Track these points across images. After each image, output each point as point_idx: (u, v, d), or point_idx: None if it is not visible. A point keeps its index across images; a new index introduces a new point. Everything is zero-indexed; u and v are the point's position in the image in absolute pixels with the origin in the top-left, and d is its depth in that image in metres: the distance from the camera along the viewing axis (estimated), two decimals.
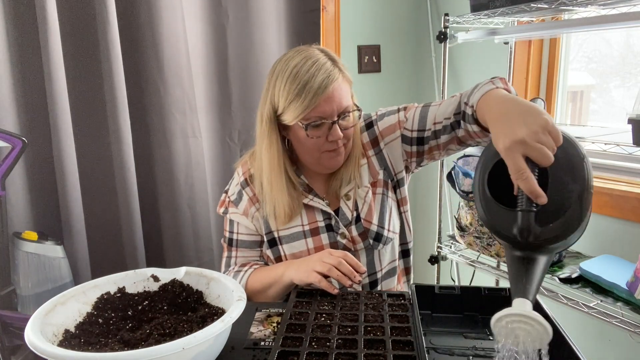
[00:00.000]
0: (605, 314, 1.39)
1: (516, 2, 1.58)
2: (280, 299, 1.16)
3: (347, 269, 1.02)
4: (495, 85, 0.92)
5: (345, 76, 1.10)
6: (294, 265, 1.10)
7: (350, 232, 1.17)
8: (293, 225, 1.17)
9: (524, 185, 0.67)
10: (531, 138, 0.69)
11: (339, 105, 1.06)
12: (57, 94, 1.51)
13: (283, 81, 1.05)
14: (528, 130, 0.69)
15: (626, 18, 1.39)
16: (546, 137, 0.69)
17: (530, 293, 0.65)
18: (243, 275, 1.17)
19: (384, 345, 0.82)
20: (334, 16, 2.17)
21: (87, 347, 0.85)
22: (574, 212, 0.69)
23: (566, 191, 0.70)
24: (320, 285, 1.02)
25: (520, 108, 0.75)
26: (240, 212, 1.21)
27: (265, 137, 1.12)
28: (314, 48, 1.10)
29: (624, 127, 1.36)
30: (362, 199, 1.18)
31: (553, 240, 0.69)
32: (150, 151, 1.77)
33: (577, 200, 0.69)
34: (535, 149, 0.68)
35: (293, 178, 1.15)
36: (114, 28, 1.58)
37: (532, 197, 0.68)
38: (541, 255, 0.69)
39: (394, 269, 1.24)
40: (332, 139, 1.08)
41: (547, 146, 0.69)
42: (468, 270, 2.09)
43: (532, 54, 1.97)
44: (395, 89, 2.42)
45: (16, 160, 1.41)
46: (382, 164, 1.20)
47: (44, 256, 1.48)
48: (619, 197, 1.63)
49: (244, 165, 1.24)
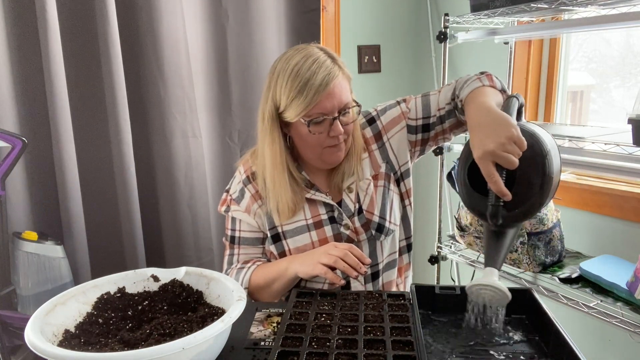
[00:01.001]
0: (605, 314, 1.39)
1: (516, 2, 1.58)
2: (284, 294, 1.17)
3: (352, 260, 1.04)
4: (482, 82, 1.03)
5: (345, 73, 1.12)
6: (299, 259, 1.11)
7: (353, 223, 1.19)
8: (296, 219, 1.18)
9: (494, 186, 0.84)
10: (499, 148, 0.84)
11: (340, 101, 1.08)
12: (57, 94, 1.51)
13: (284, 79, 1.07)
14: (497, 142, 0.84)
15: (626, 18, 1.39)
16: (512, 146, 0.84)
17: (497, 262, 0.86)
18: (246, 272, 1.18)
19: (384, 345, 0.83)
20: (334, 16, 2.17)
21: (87, 347, 0.85)
22: (535, 200, 0.87)
23: (529, 184, 0.87)
24: (327, 276, 1.03)
25: (492, 120, 0.90)
26: (243, 209, 1.21)
27: (267, 134, 1.14)
28: (313, 46, 1.12)
29: (624, 127, 1.36)
30: (364, 191, 1.20)
31: (518, 220, 0.89)
32: (150, 151, 1.77)
33: (539, 190, 0.87)
34: (503, 157, 0.83)
35: (295, 174, 1.17)
36: (114, 28, 1.58)
37: (499, 195, 0.84)
38: (509, 229, 0.89)
39: (394, 261, 1.25)
40: (333, 134, 1.10)
41: (512, 154, 0.84)
42: (468, 270, 2.09)
43: (532, 54, 1.97)
44: (395, 89, 2.41)
45: (16, 160, 1.41)
46: (385, 157, 1.23)
47: (44, 256, 1.48)
48: (619, 197, 1.63)
49: (245, 163, 1.25)
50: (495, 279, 0.83)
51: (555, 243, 1.59)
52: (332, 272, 1.04)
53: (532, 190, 0.87)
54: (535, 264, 1.58)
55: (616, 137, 1.44)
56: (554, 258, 1.60)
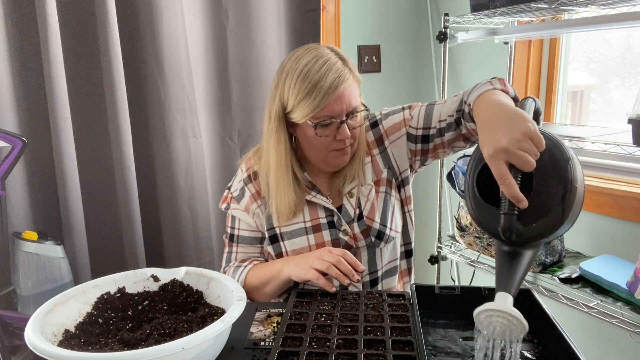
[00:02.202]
0: (605, 314, 1.39)
1: (516, 2, 1.58)
2: (277, 296, 1.16)
3: (346, 267, 1.02)
4: (493, 86, 0.93)
5: (355, 76, 1.11)
6: (293, 262, 1.10)
7: (352, 229, 1.17)
8: (295, 221, 1.18)
9: (506, 190, 0.71)
10: (513, 146, 0.71)
11: (349, 105, 1.07)
12: (57, 93, 1.51)
13: (293, 79, 1.06)
14: (510, 137, 0.72)
15: (626, 18, 1.39)
16: (528, 144, 0.72)
17: (512, 287, 0.69)
18: (242, 271, 1.18)
19: (384, 345, 0.83)
20: (334, 16, 2.17)
21: (87, 347, 0.85)
22: (556, 213, 0.72)
23: (549, 193, 0.72)
24: (318, 282, 1.03)
25: (505, 114, 0.78)
26: (242, 208, 1.21)
27: (273, 134, 1.12)
28: (323, 47, 1.10)
29: (624, 127, 1.36)
30: (365, 196, 1.18)
31: (536, 238, 0.72)
32: (150, 151, 1.77)
33: (559, 202, 0.72)
34: (518, 156, 0.71)
35: (298, 175, 1.16)
36: (114, 28, 1.57)
37: (513, 202, 0.71)
38: (526, 250, 0.73)
39: (395, 268, 1.24)
40: (340, 138, 1.09)
41: (529, 153, 0.71)
42: (468, 270, 2.09)
43: (532, 54, 1.97)
44: (395, 89, 2.41)
45: (16, 160, 1.41)
46: (387, 163, 1.21)
47: (44, 256, 1.48)
48: (619, 197, 1.63)
49: (248, 161, 1.25)
50: (509, 305, 0.67)
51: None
52: (324, 279, 1.03)
53: (552, 200, 0.71)
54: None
55: (616, 137, 1.44)
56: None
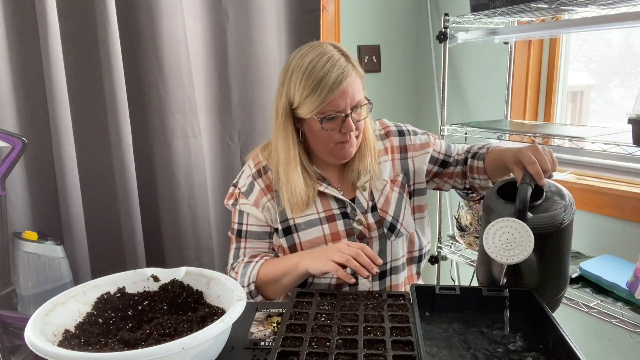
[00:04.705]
0: (605, 314, 1.39)
1: (516, 2, 1.58)
2: (291, 289, 1.17)
3: (365, 260, 1.04)
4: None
5: (358, 71, 1.15)
6: (310, 255, 1.12)
7: (366, 219, 1.21)
8: (308, 213, 1.20)
9: (532, 169, 0.98)
10: (539, 151, 1.00)
11: (352, 99, 1.12)
12: (57, 94, 1.51)
13: (299, 76, 1.11)
14: (536, 149, 1.02)
15: (626, 18, 1.39)
16: (550, 158, 1.02)
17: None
18: (254, 266, 1.18)
19: (384, 345, 0.83)
20: (334, 16, 2.17)
21: (87, 347, 0.85)
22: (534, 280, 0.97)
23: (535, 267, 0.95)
24: (337, 274, 1.04)
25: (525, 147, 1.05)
26: (251, 203, 1.23)
27: (281, 129, 1.17)
28: (327, 44, 1.15)
29: (624, 127, 1.36)
30: (379, 190, 1.23)
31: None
32: (150, 151, 1.77)
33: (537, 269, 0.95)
34: (543, 156, 1.00)
35: (308, 167, 1.21)
36: (114, 28, 1.58)
37: (536, 177, 0.96)
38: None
39: (403, 266, 1.26)
40: (345, 130, 1.14)
41: (550, 161, 1.00)
42: (468, 270, 2.09)
43: (532, 54, 1.97)
44: (395, 89, 2.42)
45: (16, 160, 1.41)
46: (404, 169, 1.28)
47: (44, 256, 1.48)
48: (619, 197, 1.63)
49: (255, 157, 1.27)
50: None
51: None
52: (343, 270, 1.04)
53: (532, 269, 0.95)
54: None
55: (616, 137, 1.44)
56: None
